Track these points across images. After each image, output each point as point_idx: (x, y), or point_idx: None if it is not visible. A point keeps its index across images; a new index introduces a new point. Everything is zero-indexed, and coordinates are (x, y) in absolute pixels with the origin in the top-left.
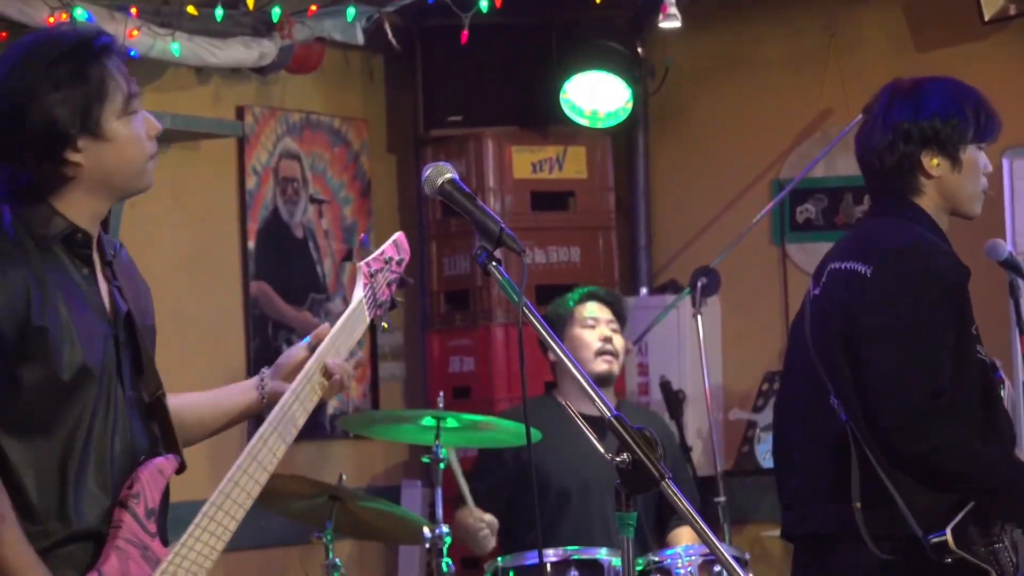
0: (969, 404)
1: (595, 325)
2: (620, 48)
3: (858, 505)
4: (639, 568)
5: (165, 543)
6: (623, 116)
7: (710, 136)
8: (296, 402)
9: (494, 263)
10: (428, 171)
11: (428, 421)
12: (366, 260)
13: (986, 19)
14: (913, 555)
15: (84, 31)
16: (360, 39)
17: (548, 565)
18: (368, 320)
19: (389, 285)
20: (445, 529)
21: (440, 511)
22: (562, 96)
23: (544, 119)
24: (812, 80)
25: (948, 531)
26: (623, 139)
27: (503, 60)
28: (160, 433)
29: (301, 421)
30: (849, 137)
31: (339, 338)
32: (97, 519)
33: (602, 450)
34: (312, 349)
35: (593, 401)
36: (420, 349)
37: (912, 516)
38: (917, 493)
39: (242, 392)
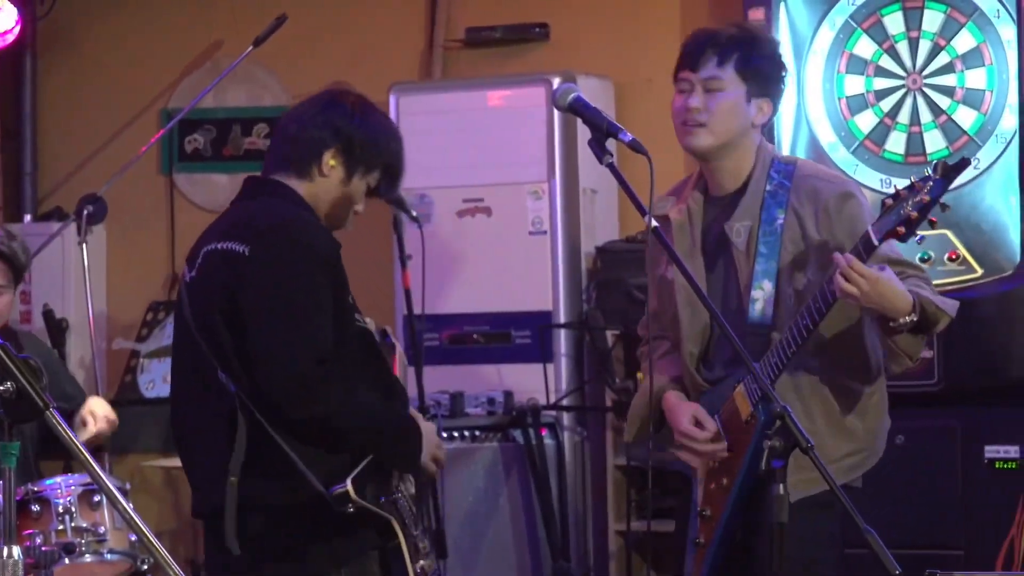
0: (355, 368)
1: None
2: None
3: (233, 480)
4: (16, 499)
5: None
6: (9, 39)
7: (100, 63)
8: None
9: None
10: None
11: None
12: None
13: None
14: (312, 518)
15: None
16: None
17: None
18: None
19: None
20: None
21: None
22: None
23: None
24: (203, 10)
25: (348, 481)
26: (10, 63)
27: None
28: None
29: None
30: (239, 68)
31: None
32: None
33: None
34: None
35: None
36: None
37: (313, 475)
38: (313, 456)
39: None
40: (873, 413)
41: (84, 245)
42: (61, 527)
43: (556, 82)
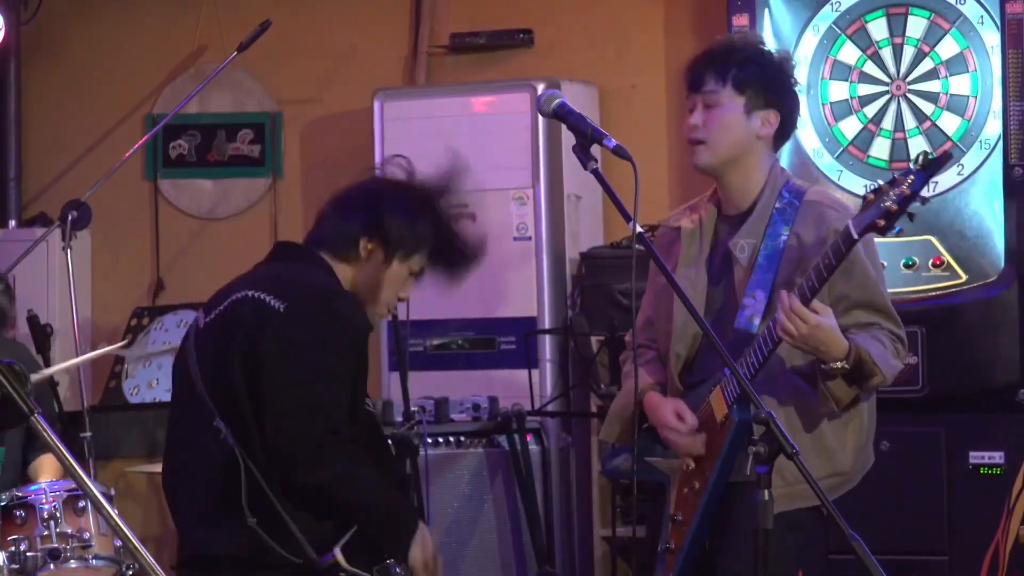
0: (360, 449)
1: None
2: None
3: (251, 520)
4: (1, 504)
5: None
6: None
7: (85, 68)
8: None
9: None
10: None
11: None
12: None
13: None
14: None
15: None
16: None
17: None
18: None
19: None
20: None
21: None
22: None
23: None
24: (188, 16)
25: (337, 550)
26: None
27: None
28: None
29: None
30: (223, 74)
31: None
32: None
33: None
34: None
35: None
36: None
37: (306, 540)
38: (304, 519)
39: None
40: (854, 440)
41: (68, 251)
42: (46, 532)
43: (540, 88)
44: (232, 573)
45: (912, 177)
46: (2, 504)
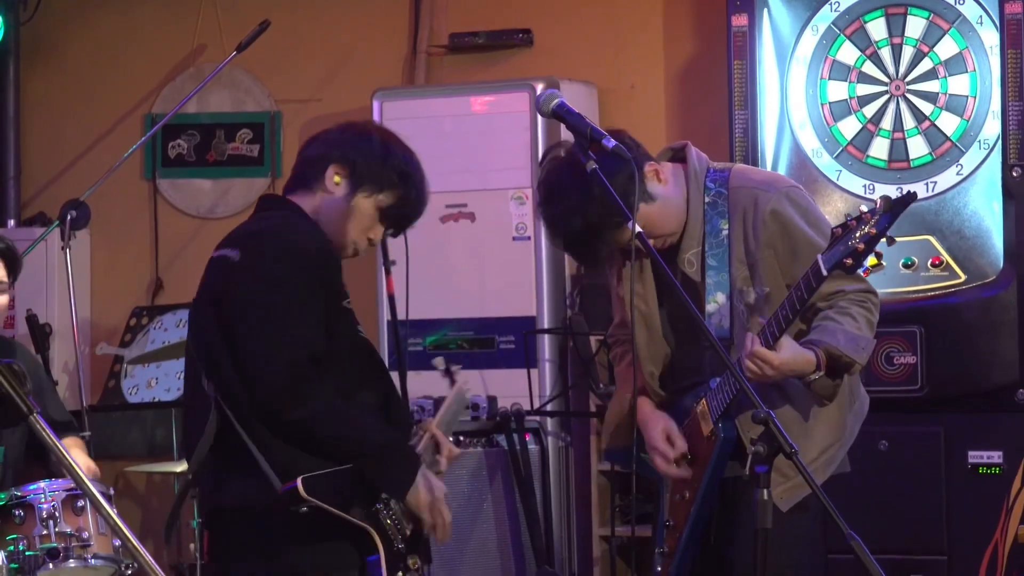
0: (352, 375)
1: None
2: None
3: (189, 477)
4: (0, 503)
5: None
6: None
7: (84, 68)
8: None
9: None
10: None
11: None
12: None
13: None
14: (290, 520)
15: None
16: None
17: None
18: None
19: None
20: None
21: None
22: None
23: None
24: (187, 15)
25: (299, 480)
26: None
27: None
28: None
29: None
30: (223, 74)
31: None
32: None
33: None
34: None
35: None
36: None
37: (275, 473)
38: (292, 460)
39: None
40: (837, 406)
41: (68, 250)
42: (45, 532)
43: (539, 88)
44: (240, 520)
45: (878, 217)
46: (1, 503)
